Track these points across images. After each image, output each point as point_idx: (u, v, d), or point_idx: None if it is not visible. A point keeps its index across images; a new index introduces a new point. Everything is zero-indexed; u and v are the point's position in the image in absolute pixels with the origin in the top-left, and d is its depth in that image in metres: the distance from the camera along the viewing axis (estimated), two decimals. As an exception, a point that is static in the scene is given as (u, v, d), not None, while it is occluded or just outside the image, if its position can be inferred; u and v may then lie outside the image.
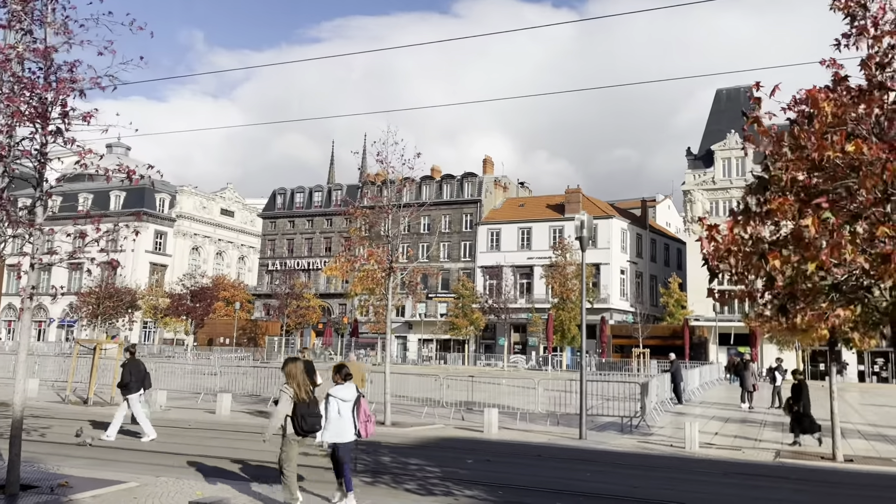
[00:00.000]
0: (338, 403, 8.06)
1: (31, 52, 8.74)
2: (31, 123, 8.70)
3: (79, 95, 8.81)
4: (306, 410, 7.78)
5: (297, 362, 8.20)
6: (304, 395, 7.86)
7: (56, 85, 8.54)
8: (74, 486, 8.69)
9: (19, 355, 8.89)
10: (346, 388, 8.20)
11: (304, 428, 7.80)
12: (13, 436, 8.47)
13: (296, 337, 63.65)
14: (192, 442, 13.44)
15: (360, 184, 77.46)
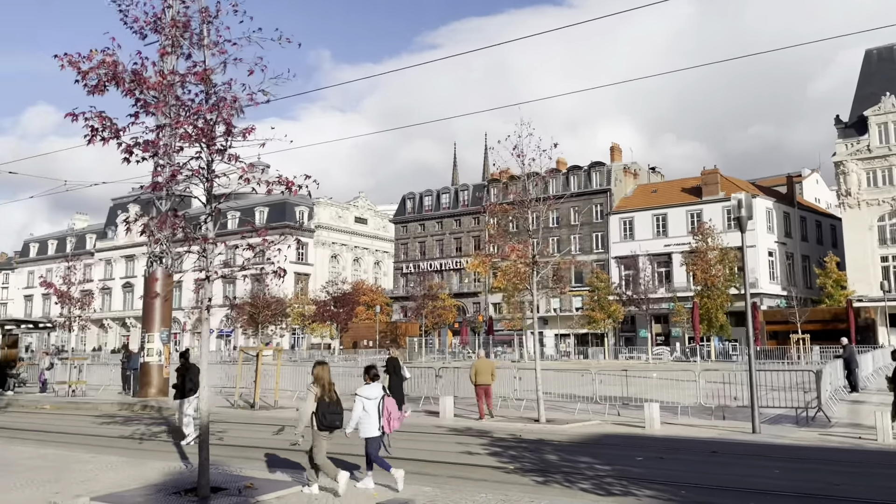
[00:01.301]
0: (363, 402, 8.95)
1: (193, 76, 9.18)
2: (198, 144, 9.17)
3: (237, 113, 9.19)
4: (327, 408, 8.65)
5: (324, 366, 9.07)
6: (328, 395, 8.73)
7: (218, 105, 8.92)
8: (259, 487, 9.05)
9: (201, 364, 9.39)
10: (371, 388, 9.07)
11: (324, 423, 8.65)
12: (202, 440, 8.92)
13: (433, 337, 64.66)
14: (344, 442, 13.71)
15: (484, 182, 77.72)
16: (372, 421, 8.93)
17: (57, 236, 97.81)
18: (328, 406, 8.69)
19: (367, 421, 8.94)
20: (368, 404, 8.96)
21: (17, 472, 10.45)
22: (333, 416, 8.68)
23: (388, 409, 9.05)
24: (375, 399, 8.99)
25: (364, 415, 8.93)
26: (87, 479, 10.08)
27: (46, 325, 29.94)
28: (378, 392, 9.08)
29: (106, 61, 8.81)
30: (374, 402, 8.97)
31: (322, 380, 8.85)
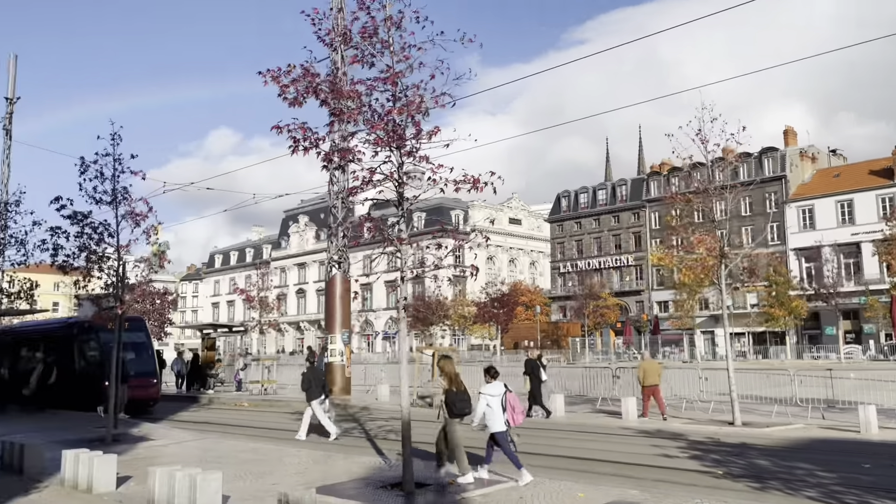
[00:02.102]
0: (487, 399, 9.44)
1: (382, 82, 9.41)
2: (388, 147, 9.39)
3: (424, 115, 9.31)
4: (456, 398, 9.53)
5: (449, 359, 10.01)
6: (455, 386, 9.63)
7: (407, 107, 9.08)
8: (462, 484, 9.08)
9: (401, 363, 9.60)
10: (493, 386, 9.57)
11: (454, 412, 9.54)
12: (404, 437, 9.11)
13: (595, 337, 63.23)
14: (537, 442, 13.53)
15: (642, 176, 74.94)
16: (497, 416, 9.35)
17: (237, 248, 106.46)
18: (457, 395, 9.56)
19: (492, 417, 9.38)
20: (492, 401, 9.40)
21: (234, 464, 11.26)
22: (463, 404, 9.57)
23: (511, 404, 9.47)
24: (498, 395, 9.45)
25: (489, 411, 9.39)
26: (299, 471, 10.66)
27: (239, 328, 32.54)
28: (500, 389, 9.54)
29: (306, 74, 9.28)
30: (498, 398, 9.42)
31: (449, 372, 9.70)
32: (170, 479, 8.45)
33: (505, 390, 9.55)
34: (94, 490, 9.58)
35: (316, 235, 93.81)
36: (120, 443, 13.76)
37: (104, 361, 20.09)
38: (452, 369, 9.79)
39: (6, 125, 29.61)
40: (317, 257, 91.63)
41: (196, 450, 13.46)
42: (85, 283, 14.37)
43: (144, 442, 14.23)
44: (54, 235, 14.03)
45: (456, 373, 9.80)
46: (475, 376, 21.28)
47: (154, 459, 12.20)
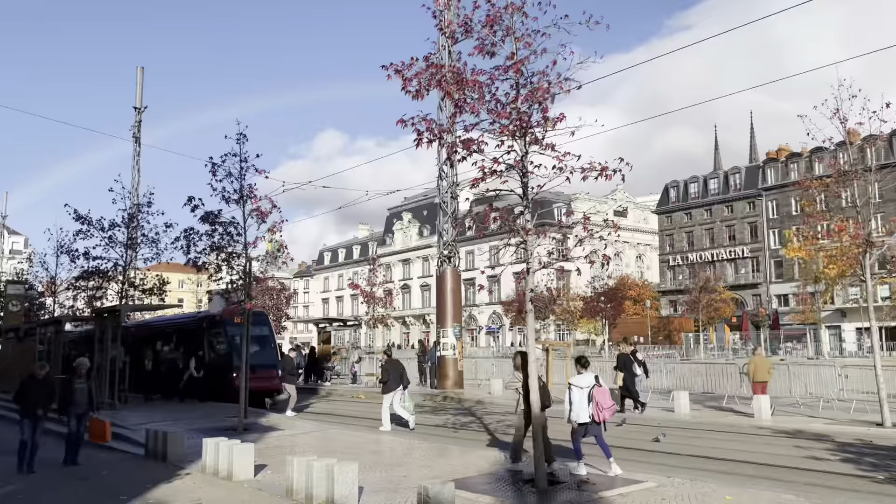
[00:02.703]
0: (576, 390, 9.54)
1: (504, 71, 9.19)
2: (513, 137, 9.18)
3: (550, 102, 9.02)
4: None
5: (525, 355, 9.64)
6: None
7: (534, 93, 8.83)
8: (596, 483, 8.78)
9: (530, 356, 9.37)
10: (583, 377, 9.66)
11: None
12: (534, 434, 8.90)
13: (708, 332, 60.62)
14: (670, 441, 12.97)
15: (758, 163, 71.05)
16: (582, 408, 9.45)
17: (345, 245, 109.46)
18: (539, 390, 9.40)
19: (577, 408, 9.51)
20: (579, 392, 9.51)
21: (363, 454, 11.40)
22: (544, 397, 9.56)
23: (596, 399, 9.42)
24: (586, 388, 9.49)
25: (575, 402, 9.53)
26: (425, 464, 10.66)
27: (353, 322, 33.34)
28: (589, 381, 9.56)
29: (429, 66, 9.20)
30: (585, 390, 9.47)
31: (523, 369, 9.67)
32: (307, 469, 8.61)
33: (594, 383, 9.55)
34: (233, 477, 9.93)
35: (419, 232, 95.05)
36: (250, 432, 14.27)
37: (231, 353, 21.05)
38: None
39: (135, 133, 31.64)
40: (420, 253, 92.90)
41: (322, 440, 13.79)
42: (216, 279, 14.99)
43: (273, 432, 14.71)
44: (189, 236, 14.71)
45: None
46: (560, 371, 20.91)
47: (285, 449, 12.58)
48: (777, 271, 66.02)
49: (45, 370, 11.40)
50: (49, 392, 11.16)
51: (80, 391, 11.61)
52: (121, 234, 19.84)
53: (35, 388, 10.99)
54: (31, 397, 10.90)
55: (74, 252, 20.57)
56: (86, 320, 22.98)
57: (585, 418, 9.43)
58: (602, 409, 9.38)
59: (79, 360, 11.99)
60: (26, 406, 10.89)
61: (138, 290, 20.78)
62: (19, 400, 10.99)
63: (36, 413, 10.88)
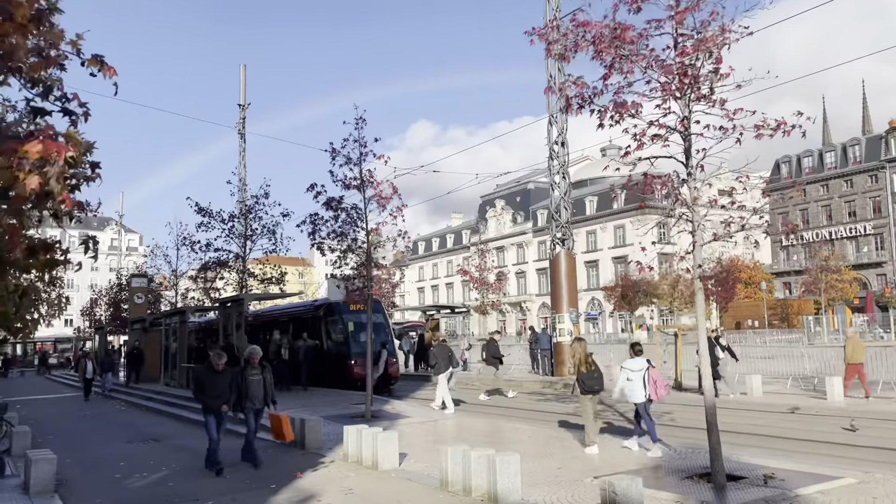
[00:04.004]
0: (628, 373, 10.14)
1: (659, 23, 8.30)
2: (672, 96, 8.30)
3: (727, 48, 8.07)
4: (586, 376, 10.42)
5: (581, 342, 10.94)
6: (584, 366, 10.46)
7: (703, 44, 7.91)
8: (785, 479, 7.85)
9: (700, 341, 8.51)
10: (635, 361, 10.21)
11: (584, 389, 10.41)
12: (709, 424, 8.05)
13: (826, 314, 56.83)
14: (871, 434, 11.77)
15: (881, 134, 65.87)
16: (637, 389, 9.98)
17: (438, 234, 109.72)
18: (587, 374, 10.40)
19: (631, 389, 10.03)
20: (633, 375, 10.05)
21: (505, 444, 10.87)
22: (592, 382, 10.39)
23: (653, 379, 10.01)
24: (640, 371, 10.07)
25: (627, 384, 10.06)
26: (575, 455, 9.99)
27: (461, 309, 32.99)
28: (642, 364, 10.15)
29: (579, 24, 8.45)
30: (639, 373, 10.05)
31: (578, 353, 10.60)
32: (464, 459, 8.11)
33: (647, 366, 10.16)
34: (378, 466, 9.58)
35: (512, 219, 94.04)
36: (379, 419, 14.02)
37: (349, 341, 21.02)
38: (582, 351, 10.58)
39: (241, 129, 32.35)
40: (514, 240, 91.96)
41: (456, 428, 13.36)
42: (340, 265, 14.80)
43: (402, 419, 14.41)
44: (315, 220, 14.56)
45: (587, 353, 10.56)
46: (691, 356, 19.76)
47: (419, 436, 12.22)
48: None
49: (222, 360, 10.23)
50: (231, 384, 10.06)
51: (256, 384, 10.24)
52: (239, 225, 20.11)
53: (214, 380, 10.02)
54: (214, 390, 9.94)
55: (197, 243, 21.04)
56: (209, 310, 23.57)
57: (641, 398, 9.97)
58: (658, 388, 9.97)
59: (251, 348, 10.74)
60: (209, 401, 9.94)
61: (257, 279, 21.05)
62: (200, 395, 10.08)
63: (220, 409, 9.92)
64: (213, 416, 9.95)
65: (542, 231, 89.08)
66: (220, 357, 10.18)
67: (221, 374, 10.07)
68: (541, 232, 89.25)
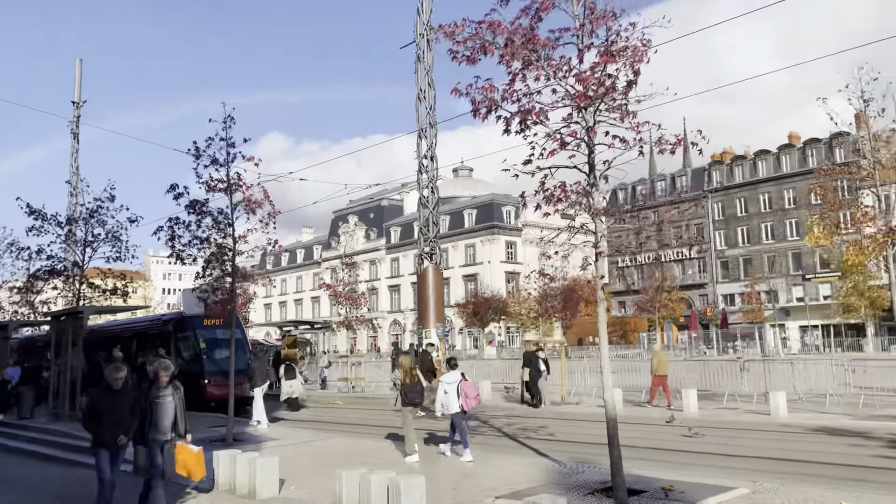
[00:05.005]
0: (445, 386, 10.89)
1: (563, 32, 8.22)
2: (579, 107, 8.20)
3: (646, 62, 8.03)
4: (408, 388, 11.01)
5: (407, 355, 12.00)
6: (408, 379, 11.06)
7: (625, 54, 7.81)
8: (684, 490, 7.88)
9: (602, 355, 8.43)
10: (451, 374, 11.00)
11: (405, 401, 10.94)
12: (610, 437, 7.96)
13: (656, 332, 61.27)
14: (709, 440, 12.27)
15: (705, 166, 72.24)
16: (452, 400, 10.70)
17: (288, 249, 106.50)
18: (409, 387, 10.98)
19: (447, 401, 10.72)
20: (449, 387, 10.77)
21: (389, 464, 10.23)
22: (413, 395, 10.98)
23: (465, 391, 10.74)
24: (454, 383, 10.80)
25: (445, 396, 10.75)
26: (466, 474, 9.58)
27: (321, 325, 31.77)
28: (456, 377, 10.90)
29: (491, 25, 8.17)
30: (454, 385, 10.77)
31: (403, 367, 11.16)
32: (362, 484, 7.43)
33: (461, 378, 10.91)
34: (257, 495, 8.63)
35: (365, 235, 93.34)
36: (243, 443, 12.90)
37: (201, 358, 19.38)
38: (409, 364, 11.21)
39: (74, 128, 29.39)
40: (366, 257, 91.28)
41: (331, 449, 12.51)
42: (204, 275, 13.53)
43: (269, 442, 13.33)
44: (173, 226, 13.20)
45: (411, 367, 11.22)
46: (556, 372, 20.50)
47: (296, 461, 11.28)
48: (723, 272, 67.47)
49: (121, 373, 7.79)
50: (133, 408, 7.82)
51: (164, 408, 8.06)
52: (80, 231, 17.96)
53: (113, 404, 7.67)
54: (109, 418, 7.61)
55: (26, 249, 18.52)
56: (38, 324, 20.84)
57: (456, 409, 10.70)
58: (469, 398, 10.71)
59: (160, 363, 8.52)
60: (102, 431, 7.62)
61: (97, 290, 18.89)
62: (94, 425, 7.66)
63: (116, 440, 7.64)
64: (105, 450, 7.65)
65: (395, 248, 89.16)
66: (117, 371, 7.80)
67: (121, 394, 7.78)
68: (394, 249, 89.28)
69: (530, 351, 19.61)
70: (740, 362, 19.12)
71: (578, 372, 23.20)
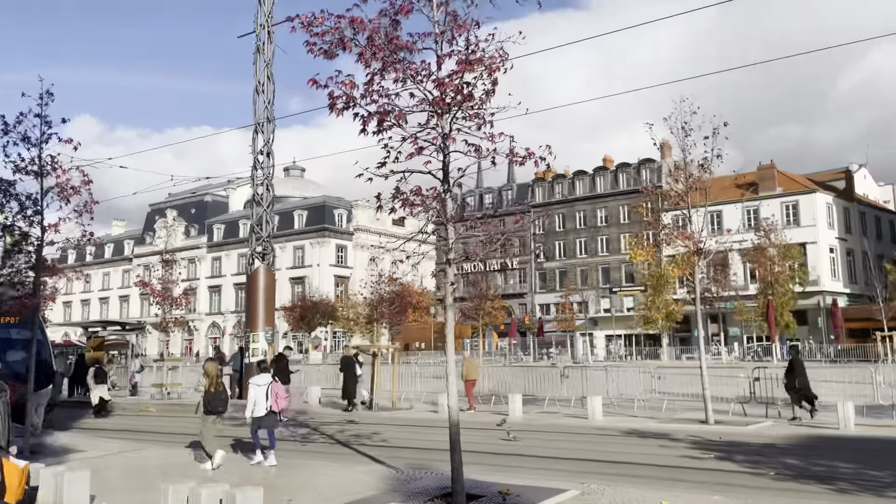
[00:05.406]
0: (255, 388, 10.99)
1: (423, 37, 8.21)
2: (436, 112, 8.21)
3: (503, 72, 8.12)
4: (212, 396, 10.71)
5: (213, 363, 11.36)
6: (213, 388, 10.78)
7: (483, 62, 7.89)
8: (520, 494, 8.09)
9: (448, 361, 8.46)
10: (261, 377, 11.18)
11: (208, 409, 10.67)
12: (452, 442, 8.00)
13: (478, 339, 63.58)
14: (532, 444, 12.77)
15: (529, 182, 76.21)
16: (260, 403, 10.81)
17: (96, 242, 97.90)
18: (214, 395, 10.73)
19: (256, 403, 10.82)
20: (258, 390, 10.90)
21: (216, 475, 9.58)
22: (217, 403, 10.71)
23: (275, 392, 10.94)
24: (264, 385, 10.95)
25: (255, 399, 10.85)
26: (303, 485, 9.20)
27: (135, 326, 29.30)
28: (267, 380, 11.08)
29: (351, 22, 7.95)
30: (263, 387, 10.92)
31: (210, 374, 10.86)
32: (191, 498, 6.84)
33: (271, 381, 11.04)
34: (63, 516, 7.66)
35: (185, 231, 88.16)
36: (42, 455, 11.55)
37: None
38: (214, 372, 10.94)
39: None
40: (186, 254, 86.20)
41: (146, 460, 11.56)
42: (5, 266, 11.95)
43: (75, 454, 12.03)
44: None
45: (217, 374, 10.97)
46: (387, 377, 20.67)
47: (106, 473, 10.22)
48: (541, 283, 71.47)
49: None
50: None
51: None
52: None
53: None
54: None
55: None
56: None
57: (263, 411, 10.76)
58: (279, 399, 10.93)
59: None
60: None
61: None
62: None
63: None
64: None
65: (218, 247, 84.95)
66: None
67: None
68: (217, 247, 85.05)
69: (348, 356, 19.80)
70: (561, 369, 20.22)
71: (408, 377, 23.36)
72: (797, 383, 14.87)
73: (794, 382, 15.03)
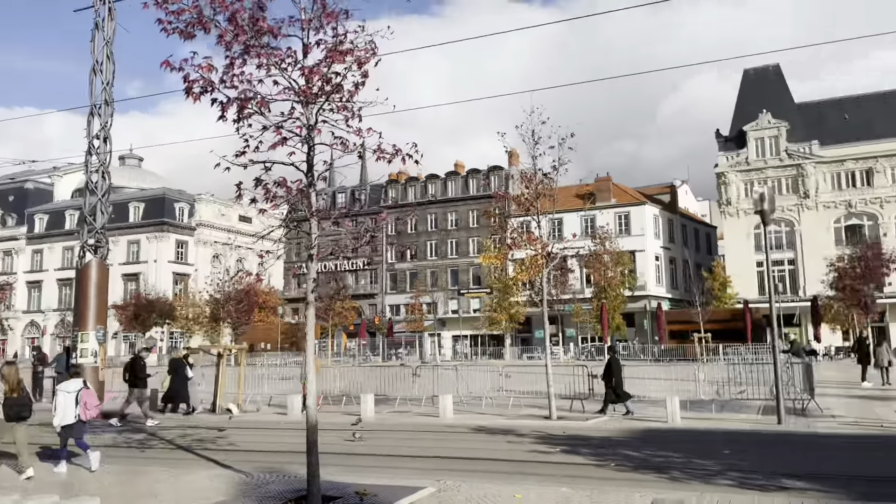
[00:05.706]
0: (63, 395, 10.34)
1: (290, 24, 7.97)
2: (303, 102, 7.97)
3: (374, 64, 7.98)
4: (14, 402, 9.95)
5: (12, 366, 10.45)
6: (15, 393, 10.03)
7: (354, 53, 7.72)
8: (377, 493, 8.01)
9: (308, 360, 8.21)
10: (71, 383, 10.56)
11: (10, 415, 9.91)
12: (311, 442, 7.77)
13: (328, 339, 62.72)
14: (382, 444, 12.74)
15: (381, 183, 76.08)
16: (69, 410, 10.20)
17: None
18: (15, 400, 9.99)
19: (64, 411, 10.20)
20: (67, 397, 10.28)
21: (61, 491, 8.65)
22: (20, 409, 9.97)
23: (84, 400, 10.28)
24: (73, 392, 10.32)
25: (63, 406, 10.20)
26: (150, 493, 8.56)
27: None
28: (77, 385, 10.45)
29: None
30: (72, 394, 10.30)
31: (10, 379, 10.07)
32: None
33: (82, 387, 10.43)
34: None
35: (1, 220, 79.68)
36: None
37: None
38: (15, 376, 10.18)
39: None
40: (2, 246, 77.99)
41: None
42: None
43: None
44: None
45: (19, 380, 10.25)
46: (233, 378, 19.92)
47: None
48: (392, 284, 71.76)
49: None
50: None
51: None
52: None
53: None
54: None
55: None
56: None
57: (72, 419, 10.15)
58: (88, 409, 10.29)
59: None
60: None
61: None
62: None
63: None
64: None
65: (39, 238, 77.51)
66: None
67: None
68: (38, 239, 77.59)
69: (177, 357, 19.28)
70: (413, 368, 20.35)
71: (254, 379, 22.51)
72: (613, 382, 15.97)
73: (610, 380, 16.07)
